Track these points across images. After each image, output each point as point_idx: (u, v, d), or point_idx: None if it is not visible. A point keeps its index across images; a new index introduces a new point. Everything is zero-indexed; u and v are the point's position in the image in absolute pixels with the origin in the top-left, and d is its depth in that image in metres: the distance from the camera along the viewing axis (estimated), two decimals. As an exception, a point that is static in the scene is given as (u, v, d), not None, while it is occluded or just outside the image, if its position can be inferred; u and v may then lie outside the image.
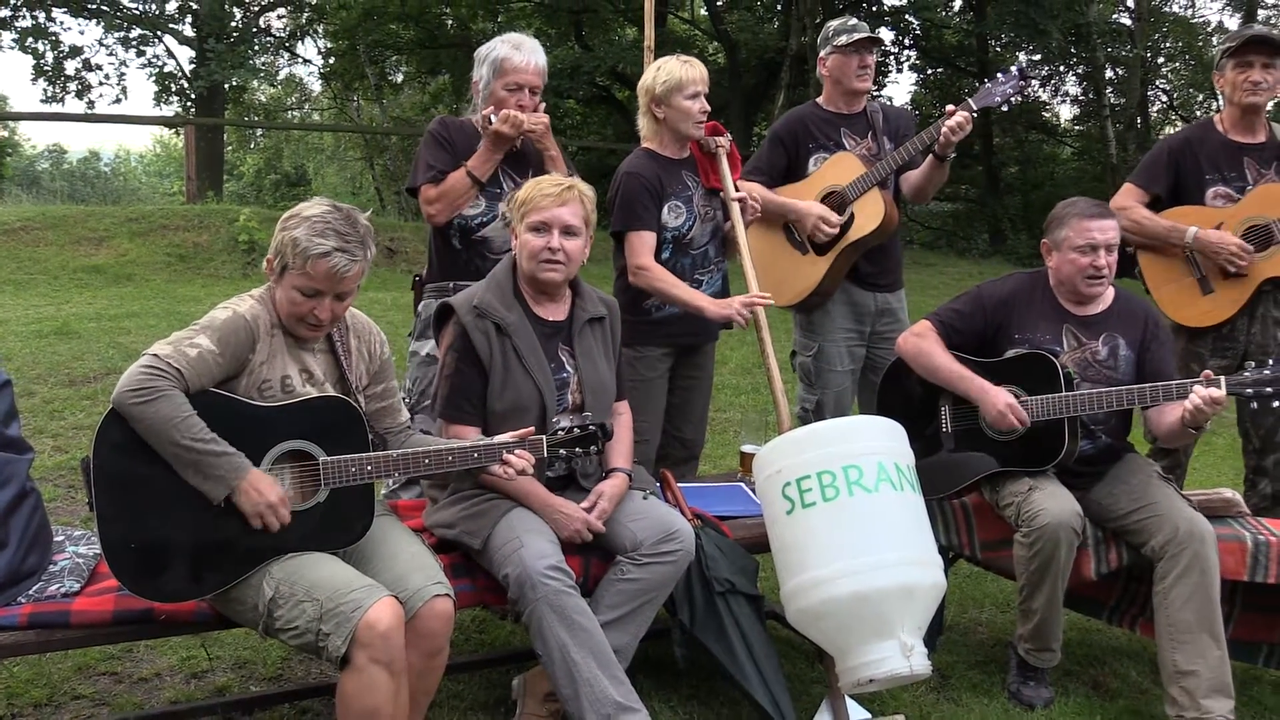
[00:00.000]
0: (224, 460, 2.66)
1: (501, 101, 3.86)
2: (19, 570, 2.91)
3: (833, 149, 4.42)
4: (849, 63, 4.33)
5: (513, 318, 3.27)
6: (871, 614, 3.12)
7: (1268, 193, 4.09)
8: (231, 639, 3.86)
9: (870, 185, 4.27)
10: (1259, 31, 4.10)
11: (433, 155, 3.90)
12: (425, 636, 2.77)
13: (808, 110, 4.54)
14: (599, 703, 2.94)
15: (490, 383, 3.23)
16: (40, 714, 3.41)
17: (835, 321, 4.44)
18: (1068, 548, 3.43)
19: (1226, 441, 6.57)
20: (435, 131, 3.99)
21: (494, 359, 3.23)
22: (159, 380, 2.62)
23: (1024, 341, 3.69)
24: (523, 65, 3.88)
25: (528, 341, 3.26)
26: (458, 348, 3.26)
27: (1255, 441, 4.29)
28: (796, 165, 4.46)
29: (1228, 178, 4.17)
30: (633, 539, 3.19)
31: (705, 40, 24.43)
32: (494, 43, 3.98)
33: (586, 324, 3.41)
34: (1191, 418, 3.33)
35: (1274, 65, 4.10)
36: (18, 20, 19.65)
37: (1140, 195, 4.30)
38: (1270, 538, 3.52)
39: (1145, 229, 4.22)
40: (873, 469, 3.22)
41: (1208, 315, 4.20)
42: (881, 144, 4.43)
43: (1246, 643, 3.74)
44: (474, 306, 3.25)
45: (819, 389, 4.50)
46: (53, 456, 5.71)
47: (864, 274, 4.43)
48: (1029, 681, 3.65)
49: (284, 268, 2.80)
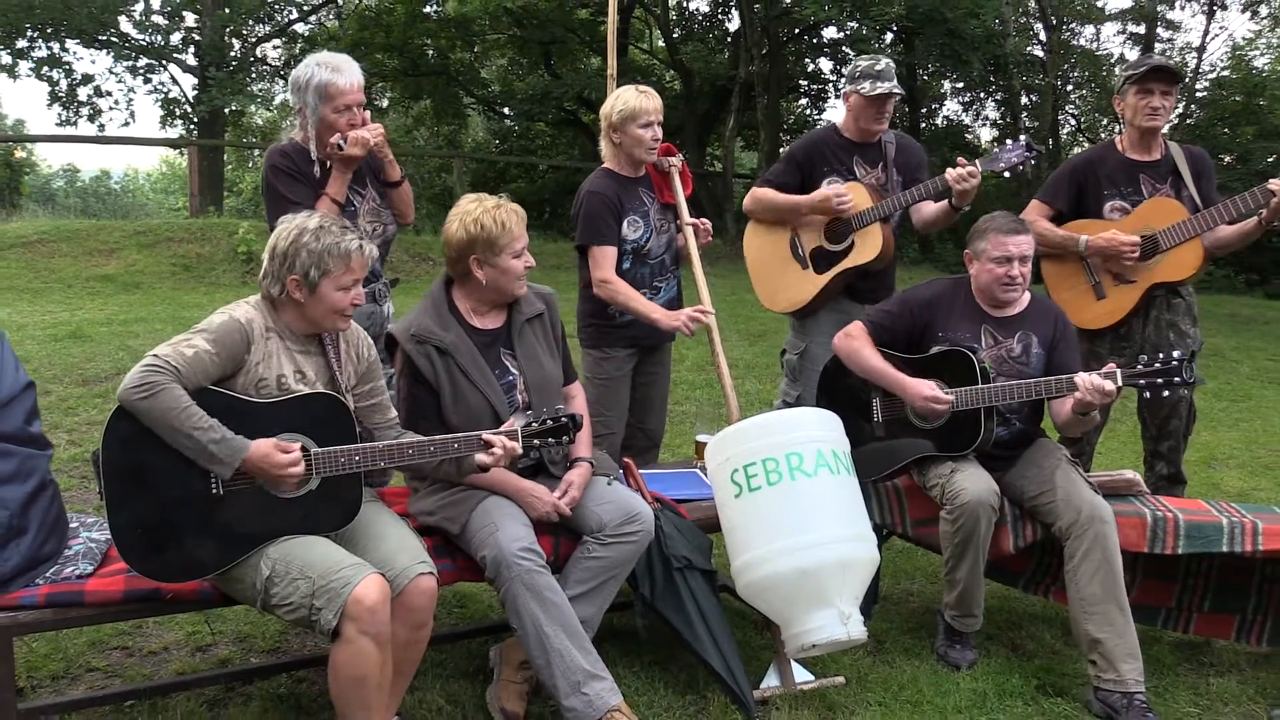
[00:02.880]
0: (223, 444, 2.64)
1: (334, 124, 3.58)
2: (38, 555, 2.90)
3: (845, 174, 4.32)
4: (869, 108, 4.23)
5: (450, 337, 3.21)
6: (813, 586, 3.14)
7: (1156, 206, 4.13)
8: (233, 615, 3.83)
9: (875, 219, 4.20)
10: (1160, 62, 4.13)
11: (291, 190, 3.57)
12: (411, 611, 2.77)
13: (827, 134, 4.44)
14: (569, 670, 2.95)
15: (441, 400, 3.19)
16: (57, 685, 3.38)
17: (824, 328, 4.36)
18: (987, 523, 3.46)
19: (1128, 428, 6.65)
20: (282, 166, 3.61)
21: (440, 379, 3.18)
22: (158, 376, 2.60)
23: (946, 340, 3.72)
24: (347, 87, 3.59)
25: (469, 356, 3.21)
26: (407, 374, 3.22)
27: (1152, 429, 4.33)
28: (809, 186, 4.35)
29: (1125, 193, 4.20)
30: (598, 520, 3.19)
31: (663, 69, 24.43)
32: (309, 69, 3.61)
33: (525, 324, 3.37)
34: (1079, 404, 3.38)
35: (1170, 92, 4.15)
36: (34, 50, 19.43)
37: (1044, 210, 4.33)
38: (1167, 514, 3.56)
39: (1046, 239, 4.25)
40: (812, 455, 3.24)
41: (1101, 318, 4.23)
42: (890, 175, 4.34)
43: (1147, 607, 3.80)
44: (412, 335, 3.19)
45: (802, 385, 4.48)
46: (67, 450, 5.65)
47: (859, 290, 4.36)
48: (955, 645, 3.68)
49: (321, 276, 2.80)
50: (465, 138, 26.31)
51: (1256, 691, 3.53)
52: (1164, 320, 4.20)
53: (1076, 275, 4.27)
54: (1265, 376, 10.02)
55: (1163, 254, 4.09)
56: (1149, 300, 4.18)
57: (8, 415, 2.88)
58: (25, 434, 2.92)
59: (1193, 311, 4.27)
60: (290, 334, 2.89)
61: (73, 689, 3.36)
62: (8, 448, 2.85)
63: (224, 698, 3.32)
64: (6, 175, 19.28)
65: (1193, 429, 4.37)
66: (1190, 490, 4.53)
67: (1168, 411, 4.24)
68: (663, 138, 4.06)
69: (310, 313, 2.87)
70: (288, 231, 2.85)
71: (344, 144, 3.56)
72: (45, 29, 19.02)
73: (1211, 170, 4.24)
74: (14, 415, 2.90)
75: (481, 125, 27.33)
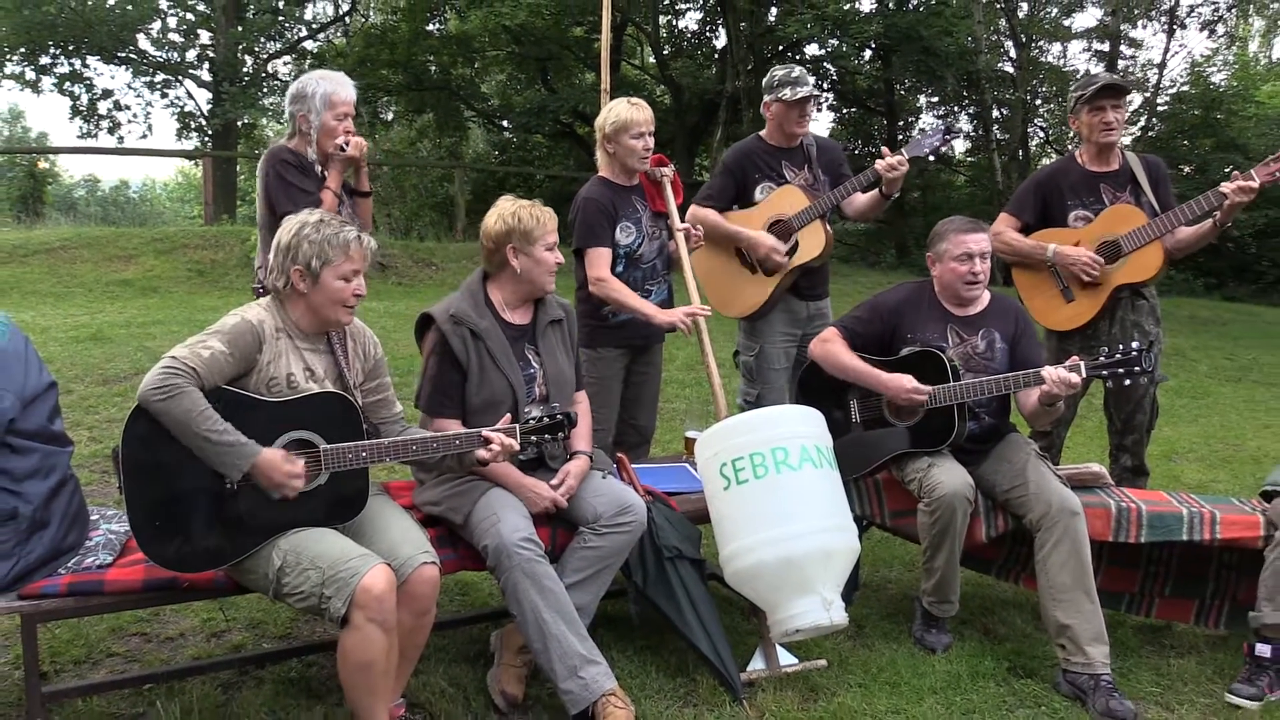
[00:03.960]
0: (235, 449, 2.64)
1: (333, 130, 3.81)
2: (60, 546, 2.89)
3: (776, 179, 4.40)
4: (790, 112, 4.32)
5: (485, 323, 3.26)
6: (797, 574, 3.14)
7: (1116, 213, 4.14)
8: (246, 603, 3.82)
9: (814, 217, 4.28)
10: (1107, 79, 4.12)
11: (302, 182, 3.77)
12: (415, 599, 2.76)
13: (752, 144, 4.51)
14: (566, 655, 2.95)
15: (468, 380, 3.21)
16: (79, 670, 3.37)
17: (775, 327, 4.44)
18: (963, 515, 3.46)
19: (1095, 423, 6.66)
20: (293, 162, 3.81)
21: (470, 360, 3.21)
22: (177, 379, 2.59)
23: (916, 340, 3.72)
24: (347, 98, 3.85)
25: (499, 344, 3.25)
26: (439, 351, 3.24)
27: (1117, 423, 4.34)
28: (744, 192, 4.45)
29: (1086, 202, 4.21)
30: (593, 512, 3.19)
31: (654, 84, 24.40)
32: (313, 81, 3.85)
33: (548, 326, 3.41)
34: (1045, 395, 3.38)
35: (1121, 105, 4.16)
36: (57, 67, 19.36)
37: (1012, 222, 4.34)
38: (1130, 505, 3.57)
39: (1014, 248, 4.28)
40: (797, 450, 3.24)
41: (1071, 320, 4.24)
42: (816, 174, 4.42)
43: (1112, 592, 3.81)
44: (451, 315, 3.24)
45: (759, 384, 4.49)
46: (89, 446, 5.63)
47: (801, 287, 4.43)
48: (931, 629, 3.68)
49: (323, 266, 2.81)
50: (466, 149, 26.25)
51: (1214, 671, 3.54)
52: (1129, 320, 4.21)
53: (1046, 281, 4.28)
54: (1222, 375, 10.07)
55: (1125, 257, 4.10)
56: (1115, 302, 4.18)
57: (31, 414, 2.87)
58: (48, 432, 2.91)
59: (1156, 313, 4.28)
60: (299, 333, 2.88)
61: (94, 673, 3.35)
62: (31, 445, 2.84)
63: (237, 681, 3.31)
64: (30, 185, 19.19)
65: (1155, 424, 4.38)
66: (1152, 482, 4.53)
67: (1132, 407, 4.25)
68: (654, 149, 4.06)
69: (315, 304, 2.86)
70: (290, 227, 2.86)
71: (346, 146, 3.81)
72: (67, 46, 18.97)
73: (1167, 176, 4.26)
74: (38, 414, 2.89)
75: (481, 137, 27.28)
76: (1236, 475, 6.26)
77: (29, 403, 2.86)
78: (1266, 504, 3.63)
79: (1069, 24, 24.05)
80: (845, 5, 17.50)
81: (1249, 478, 6.16)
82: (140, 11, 18.55)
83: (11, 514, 2.76)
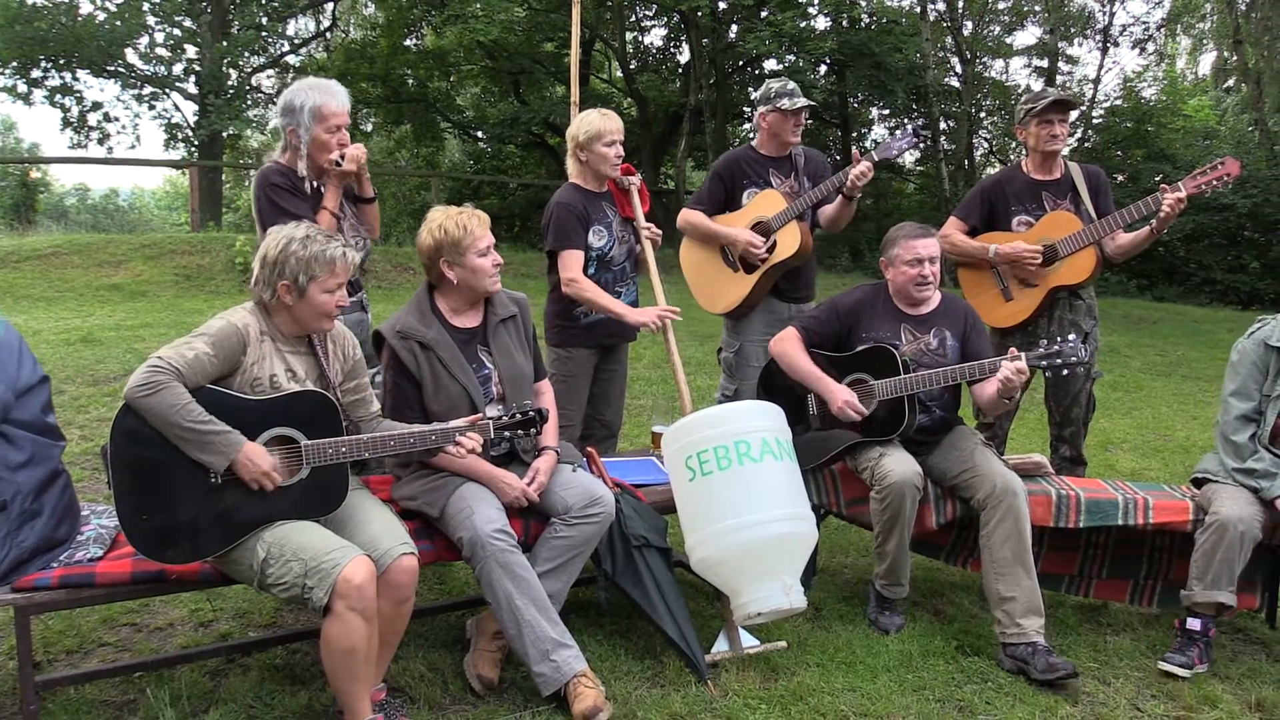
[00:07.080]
0: (220, 438, 2.62)
1: (325, 143, 3.53)
2: (51, 538, 2.86)
3: (762, 185, 4.38)
4: (787, 122, 4.29)
5: (432, 333, 3.20)
6: (758, 560, 3.14)
7: (1054, 219, 4.18)
8: (232, 593, 3.79)
9: (791, 218, 4.26)
10: (1056, 95, 4.17)
11: (293, 205, 3.48)
12: (394, 588, 2.74)
13: (744, 152, 4.49)
14: (539, 640, 2.94)
15: (424, 390, 3.17)
16: (72, 659, 3.33)
17: (756, 327, 4.43)
18: (912, 501, 3.48)
19: (1036, 415, 6.72)
20: (281, 184, 3.52)
21: (423, 371, 3.16)
22: (160, 376, 2.57)
23: (870, 338, 3.74)
24: (339, 109, 3.55)
25: (449, 351, 3.20)
26: (393, 366, 3.20)
27: (1056, 415, 4.38)
28: (732, 197, 4.44)
29: (1029, 209, 4.25)
30: (564, 504, 3.18)
31: (621, 96, 24.38)
32: (302, 92, 3.54)
33: (499, 324, 3.35)
34: (1003, 386, 3.40)
35: (1066, 119, 4.20)
36: (48, 80, 19.03)
37: (960, 226, 4.38)
38: (1070, 492, 3.61)
39: (960, 249, 4.32)
40: (758, 443, 3.25)
41: (1010, 318, 4.28)
42: (802, 182, 4.41)
43: (1052, 575, 3.85)
44: (397, 331, 3.18)
45: (738, 380, 4.49)
46: (80, 444, 5.55)
47: (783, 289, 4.43)
48: (884, 611, 3.70)
49: (309, 280, 2.78)
50: (442, 159, 26.14)
51: (1148, 647, 3.59)
52: (1066, 319, 4.25)
53: (987, 280, 4.32)
54: (1154, 370, 10.19)
55: (1061, 260, 4.14)
56: (1053, 302, 4.23)
57: (25, 404, 2.84)
58: (41, 423, 2.88)
59: (1093, 312, 4.32)
60: (282, 336, 2.86)
61: (86, 662, 3.30)
62: (24, 435, 2.81)
63: (225, 668, 3.28)
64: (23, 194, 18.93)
65: (1092, 417, 4.42)
66: (1090, 471, 4.59)
67: (1070, 401, 4.29)
68: (622, 158, 4.05)
69: (299, 315, 2.83)
70: (276, 241, 2.82)
71: (341, 160, 3.53)
72: (58, 60, 18.65)
73: (1108, 186, 4.30)
74: (31, 405, 2.86)
75: (457, 147, 27.16)
76: (1167, 464, 6.33)
77: (22, 394, 2.83)
78: (1196, 490, 3.68)
79: (1010, 41, 24.32)
80: (802, 23, 17.55)
81: (1179, 465, 6.24)
82: (129, 27, 18.28)
83: (3, 503, 2.73)
